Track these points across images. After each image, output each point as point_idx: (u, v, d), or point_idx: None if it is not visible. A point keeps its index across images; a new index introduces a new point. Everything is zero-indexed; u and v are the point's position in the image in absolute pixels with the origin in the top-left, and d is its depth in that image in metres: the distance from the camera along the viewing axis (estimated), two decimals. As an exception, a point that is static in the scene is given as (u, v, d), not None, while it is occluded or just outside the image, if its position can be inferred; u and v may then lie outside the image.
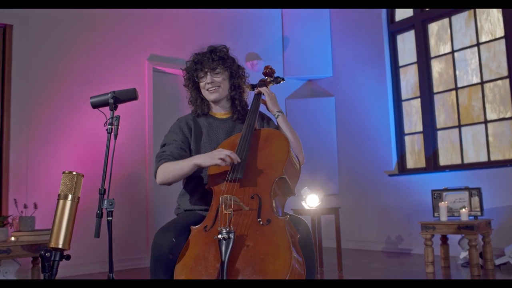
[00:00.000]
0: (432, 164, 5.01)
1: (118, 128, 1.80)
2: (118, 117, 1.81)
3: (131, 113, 4.60)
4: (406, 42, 5.40)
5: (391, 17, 5.53)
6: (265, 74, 2.25)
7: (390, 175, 5.28)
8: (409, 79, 5.36)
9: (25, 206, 3.31)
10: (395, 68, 5.49)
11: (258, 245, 1.54)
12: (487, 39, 4.66)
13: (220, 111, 2.08)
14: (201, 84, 2.02)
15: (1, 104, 4.12)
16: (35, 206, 3.32)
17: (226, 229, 1.51)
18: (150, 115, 4.86)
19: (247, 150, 1.81)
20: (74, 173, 1.44)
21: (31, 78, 4.22)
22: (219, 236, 1.51)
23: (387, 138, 5.38)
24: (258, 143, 1.88)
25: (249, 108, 2.06)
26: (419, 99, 5.21)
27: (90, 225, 4.28)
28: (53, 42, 4.39)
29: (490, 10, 4.65)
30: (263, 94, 2.08)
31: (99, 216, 1.64)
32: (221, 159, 1.71)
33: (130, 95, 1.85)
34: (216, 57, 1.97)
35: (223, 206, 1.65)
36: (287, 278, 1.44)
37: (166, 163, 1.86)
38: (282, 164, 1.78)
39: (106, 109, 1.84)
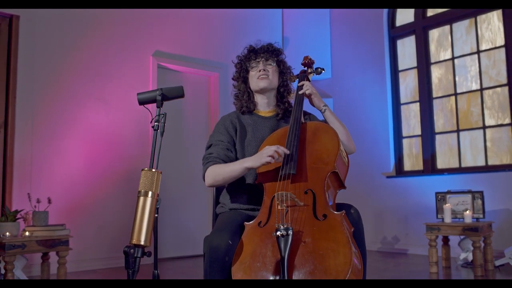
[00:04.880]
0: (430, 167, 5.13)
1: (164, 125, 1.81)
2: (164, 114, 1.82)
3: (135, 108, 4.57)
4: (406, 47, 5.51)
5: (391, 22, 5.63)
6: (304, 64, 2.18)
7: (387, 177, 5.38)
8: (409, 83, 5.48)
9: (38, 201, 3.26)
10: (395, 72, 5.59)
11: (316, 241, 1.55)
12: (487, 47, 4.80)
13: (265, 109, 2.07)
14: (252, 73, 2.02)
15: (6, 98, 4.03)
16: (49, 201, 3.28)
17: (283, 226, 1.52)
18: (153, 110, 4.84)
19: (297, 145, 1.79)
20: (154, 170, 1.44)
21: (36, 71, 4.15)
22: (278, 233, 1.51)
23: (385, 141, 5.48)
24: (307, 137, 1.86)
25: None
26: (418, 103, 5.32)
27: (93, 221, 4.26)
28: (59, 36, 4.32)
29: (491, 19, 4.79)
30: (307, 88, 2.02)
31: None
32: (269, 156, 1.70)
33: (178, 93, 1.87)
34: (272, 49, 2.02)
35: (278, 202, 1.65)
36: (348, 274, 1.47)
37: (214, 166, 1.86)
38: (333, 158, 1.76)
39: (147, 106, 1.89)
